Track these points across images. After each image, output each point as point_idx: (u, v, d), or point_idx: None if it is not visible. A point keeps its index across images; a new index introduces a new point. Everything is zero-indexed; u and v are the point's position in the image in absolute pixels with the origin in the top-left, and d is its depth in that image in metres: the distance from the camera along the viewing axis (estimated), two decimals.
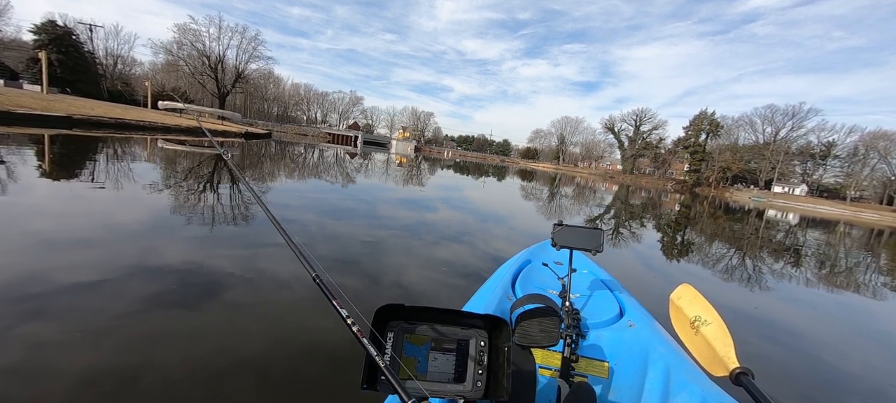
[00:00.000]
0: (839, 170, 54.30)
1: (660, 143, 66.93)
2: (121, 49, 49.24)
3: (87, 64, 35.42)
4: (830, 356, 3.08)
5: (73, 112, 14.40)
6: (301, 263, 0.88)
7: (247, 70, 51.82)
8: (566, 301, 1.47)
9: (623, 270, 4.86)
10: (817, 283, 5.73)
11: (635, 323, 1.53)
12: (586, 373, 1.34)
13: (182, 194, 5.54)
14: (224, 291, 2.57)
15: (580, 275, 2.05)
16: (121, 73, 48.51)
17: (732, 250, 7.71)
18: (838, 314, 4.41)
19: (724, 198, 40.20)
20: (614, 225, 9.28)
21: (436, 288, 3.28)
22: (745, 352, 2.86)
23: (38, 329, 1.90)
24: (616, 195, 22.19)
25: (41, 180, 5.18)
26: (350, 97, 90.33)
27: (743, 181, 58.82)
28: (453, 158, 53.20)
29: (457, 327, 0.74)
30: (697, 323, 1.07)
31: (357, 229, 4.87)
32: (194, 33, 46.08)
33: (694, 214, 16.15)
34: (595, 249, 1.57)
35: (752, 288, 4.89)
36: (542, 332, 0.94)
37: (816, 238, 12.83)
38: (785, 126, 54.26)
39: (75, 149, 9.10)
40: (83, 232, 3.36)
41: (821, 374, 2.74)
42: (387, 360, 0.68)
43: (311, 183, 9.02)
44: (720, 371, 0.93)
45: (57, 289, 2.30)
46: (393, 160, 25.57)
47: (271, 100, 76.87)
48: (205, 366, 1.77)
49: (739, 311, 3.86)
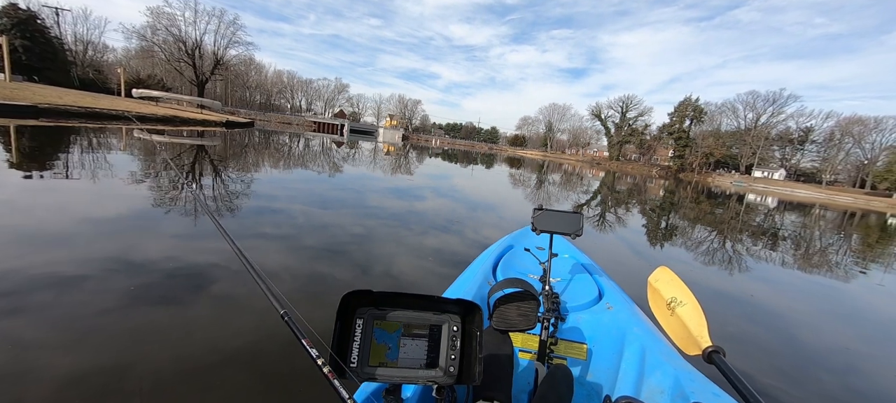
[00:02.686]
0: (816, 154, 56.07)
1: (645, 130, 67.81)
2: (91, 34, 46.91)
3: (54, 50, 33.56)
4: (803, 333, 3.21)
5: (38, 101, 13.71)
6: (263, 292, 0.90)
7: (226, 56, 49.94)
8: (546, 285, 1.48)
9: (606, 254, 4.95)
10: (792, 265, 5.95)
11: (613, 305, 1.56)
12: (565, 356, 1.37)
13: (156, 188, 5.36)
14: (208, 286, 2.51)
15: (561, 260, 2.08)
16: (92, 60, 46.22)
17: (713, 233, 7.92)
18: (811, 293, 4.59)
19: (707, 184, 41.19)
20: (600, 212, 9.41)
21: (424, 275, 3.27)
22: (722, 331, 2.95)
23: (15, 327, 1.82)
24: (602, 181, 22.49)
25: (9, 173, 4.94)
26: (335, 84, 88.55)
27: (725, 166, 60.28)
28: (441, 146, 52.94)
29: (429, 312, 0.73)
30: (673, 305, 1.09)
31: (344, 219, 4.80)
32: (169, 17, 44.02)
33: (677, 199, 16.50)
34: (574, 233, 1.58)
35: (730, 269, 5.04)
36: (519, 316, 0.94)
37: (793, 221, 13.29)
38: (766, 112, 55.53)
39: (42, 142, 8.69)
40: (50, 226, 3.22)
41: (794, 350, 2.85)
42: (356, 347, 0.68)
43: (297, 173, 8.84)
44: (693, 350, 0.95)
45: (29, 286, 2.20)
46: (380, 148, 25.29)
47: (253, 87, 74.69)
48: (189, 360, 1.73)
49: (718, 291, 3.98)
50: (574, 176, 24.57)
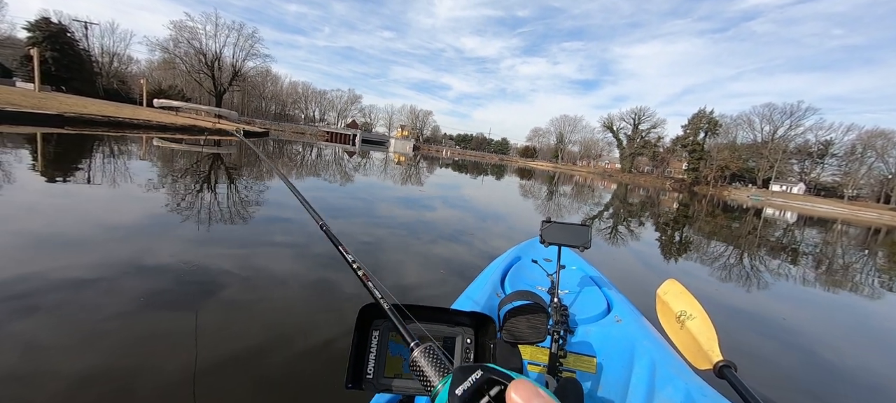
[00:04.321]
0: (837, 168, 54.58)
1: (658, 142, 67.13)
2: (117, 46, 48.92)
3: (82, 61, 35.06)
4: (824, 351, 3.06)
5: (64, 110, 14.26)
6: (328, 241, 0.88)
7: (244, 68, 51.61)
8: (555, 297, 1.47)
9: (617, 267, 4.85)
10: (814, 281, 5.73)
11: (622, 318, 1.55)
12: (574, 369, 1.35)
13: (176, 192, 5.48)
14: (220, 290, 2.53)
15: (569, 272, 2.06)
16: (116, 71, 48.11)
17: (724, 246, 7.70)
18: (834, 311, 4.40)
19: (723, 197, 40.33)
20: (611, 224, 9.27)
21: (434, 286, 3.25)
22: (738, 348, 2.84)
23: (32, 329, 1.85)
24: (614, 194, 22.22)
25: (33, 178, 5.12)
26: (348, 95, 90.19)
27: (741, 179, 59.07)
28: (452, 157, 53.16)
29: (443, 325, 0.73)
30: (683, 318, 1.09)
31: (355, 228, 4.83)
32: (191, 30, 45.89)
33: (692, 213, 16.17)
34: (582, 245, 1.57)
35: (742, 283, 4.88)
36: (529, 328, 0.93)
37: (814, 236, 12.86)
38: (783, 124, 54.50)
39: (65, 148, 9.01)
40: (66, 229, 3.31)
41: (812, 368, 2.72)
42: (372, 359, 0.69)
43: (309, 181, 8.97)
44: (704, 364, 0.95)
45: (49, 288, 2.25)
46: (391, 158, 25.51)
47: (269, 98, 76.57)
48: (200, 359, 1.73)
49: (728, 305, 3.85)
50: (585, 187, 24.34)
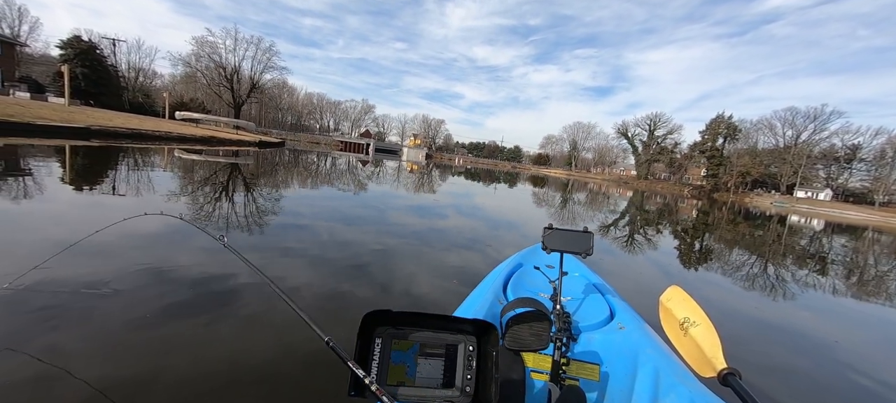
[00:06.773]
0: (866, 173, 52.35)
1: (675, 148, 65.80)
2: (142, 62, 51.10)
3: (109, 77, 36.75)
4: (852, 371, 2.89)
5: (91, 123, 14.91)
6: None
7: (261, 80, 53.09)
8: (557, 304, 1.46)
9: (615, 273, 4.75)
10: (845, 292, 5.46)
11: (625, 325, 1.54)
12: (577, 376, 1.34)
13: (190, 204, 5.62)
14: (225, 306, 2.56)
15: (571, 279, 2.04)
16: (142, 85, 50.18)
17: (734, 254, 7.43)
18: (863, 325, 4.18)
19: (744, 204, 39.10)
20: (629, 232, 9.07)
21: (445, 295, 3.22)
22: (746, 360, 2.71)
23: (52, 337, 1.91)
24: (630, 201, 21.81)
25: (58, 188, 5.33)
26: (362, 105, 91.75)
27: (763, 186, 57.23)
28: (464, 165, 53.23)
29: (445, 332, 0.74)
30: (686, 325, 1.08)
31: (368, 236, 4.85)
32: (211, 45, 47.59)
33: (712, 220, 15.72)
34: (585, 252, 1.54)
35: (771, 293, 4.68)
36: (532, 336, 0.93)
37: (842, 244, 12.31)
38: (806, 129, 52.74)
39: (92, 160, 9.38)
40: (90, 239, 3.42)
41: (828, 378, 2.57)
42: (375, 367, 0.69)
43: (323, 190, 9.09)
44: (708, 372, 0.94)
45: (71, 297, 2.32)
46: (404, 167, 25.69)
47: (285, 109, 78.50)
48: (207, 375, 1.75)
49: (735, 312, 3.69)
50: (600, 195, 23.97)
